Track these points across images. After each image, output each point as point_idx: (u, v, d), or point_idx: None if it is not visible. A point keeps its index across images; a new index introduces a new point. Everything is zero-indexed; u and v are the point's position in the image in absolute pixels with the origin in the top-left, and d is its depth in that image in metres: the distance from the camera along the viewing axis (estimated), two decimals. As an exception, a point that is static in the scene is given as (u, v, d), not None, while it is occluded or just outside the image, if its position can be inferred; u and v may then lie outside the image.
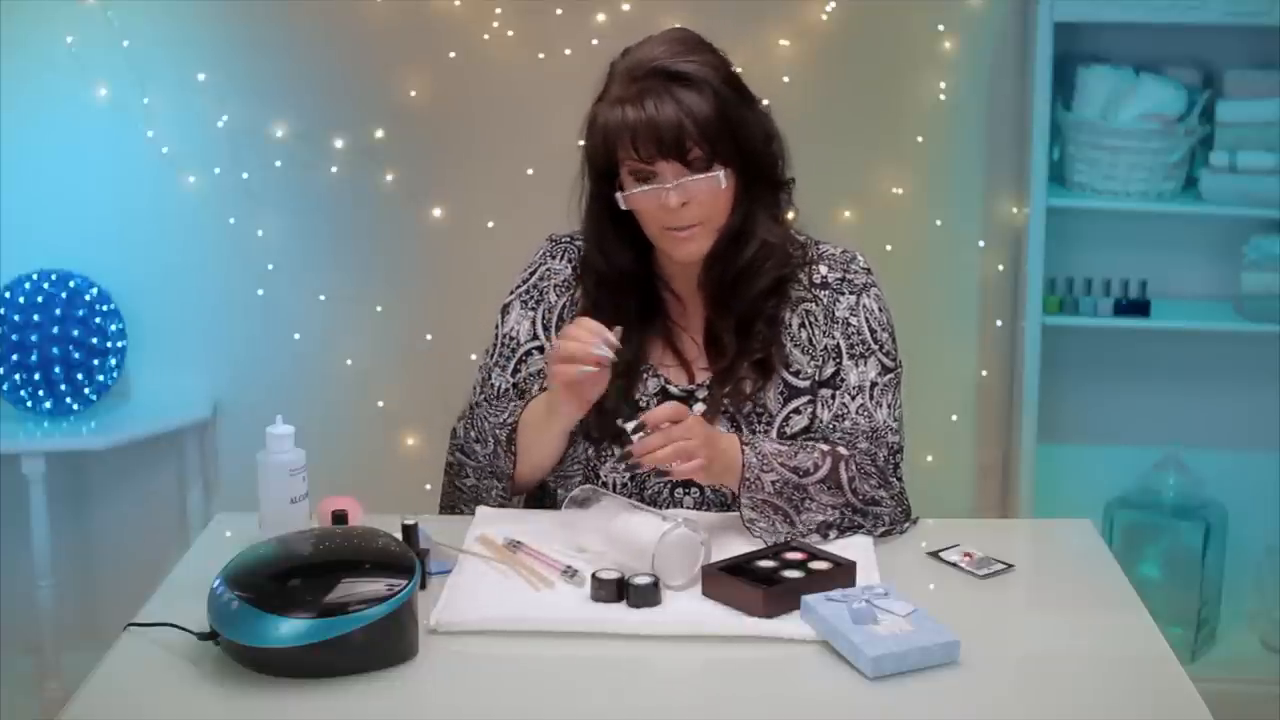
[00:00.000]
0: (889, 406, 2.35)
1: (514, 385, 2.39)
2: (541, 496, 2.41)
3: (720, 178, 2.24)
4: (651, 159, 2.23)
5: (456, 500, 2.40)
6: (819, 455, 2.25)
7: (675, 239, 2.28)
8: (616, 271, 2.34)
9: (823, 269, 2.38)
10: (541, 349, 2.39)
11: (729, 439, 2.24)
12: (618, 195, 2.28)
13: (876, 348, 2.36)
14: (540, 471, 2.34)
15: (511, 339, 2.41)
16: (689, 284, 2.36)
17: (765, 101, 2.34)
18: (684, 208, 2.25)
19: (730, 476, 2.22)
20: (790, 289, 2.35)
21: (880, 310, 2.38)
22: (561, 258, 2.42)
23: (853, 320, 2.36)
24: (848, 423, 2.32)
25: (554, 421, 2.28)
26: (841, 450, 2.27)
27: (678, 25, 2.35)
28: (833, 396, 2.34)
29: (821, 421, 2.33)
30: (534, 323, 2.40)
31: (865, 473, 2.27)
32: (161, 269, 3.70)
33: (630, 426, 2.17)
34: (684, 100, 2.22)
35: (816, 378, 2.35)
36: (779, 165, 2.35)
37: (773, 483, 2.20)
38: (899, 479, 2.32)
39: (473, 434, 2.35)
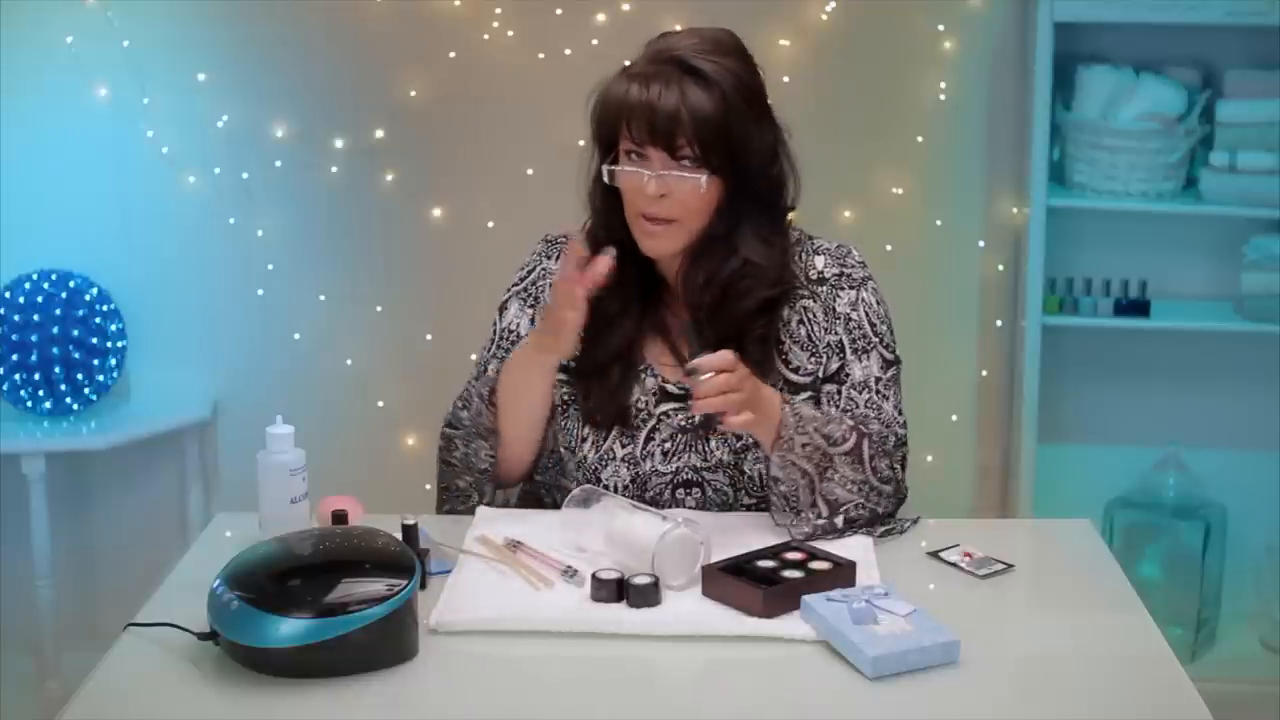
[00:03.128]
0: (893, 400, 2.35)
1: None
2: (540, 498, 2.41)
3: (701, 182, 2.23)
4: (642, 142, 2.23)
5: (449, 479, 2.39)
6: (847, 428, 2.26)
7: (645, 230, 2.28)
8: (617, 243, 2.34)
9: (819, 262, 2.37)
10: None
11: (771, 394, 2.24)
12: (604, 168, 2.28)
13: (877, 340, 2.36)
14: (528, 428, 2.32)
15: (511, 332, 2.41)
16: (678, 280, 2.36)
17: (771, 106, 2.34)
18: (661, 199, 2.24)
19: (764, 430, 2.23)
20: (782, 306, 2.33)
21: (879, 303, 2.38)
22: (556, 257, 2.42)
23: (853, 315, 2.35)
24: (857, 414, 2.32)
25: (539, 361, 2.27)
26: (863, 429, 2.28)
27: (721, 28, 2.33)
28: (838, 392, 2.34)
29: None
30: (532, 319, 2.40)
31: (884, 451, 2.28)
32: (161, 269, 3.70)
33: (686, 369, 2.18)
34: (689, 94, 2.21)
35: (820, 374, 2.34)
36: (780, 191, 2.33)
37: (803, 445, 2.21)
38: (903, 469, 2.33)
39: (459, 403, 2.36)
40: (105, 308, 3.61)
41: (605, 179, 2.28)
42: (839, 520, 2.23)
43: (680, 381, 2.33)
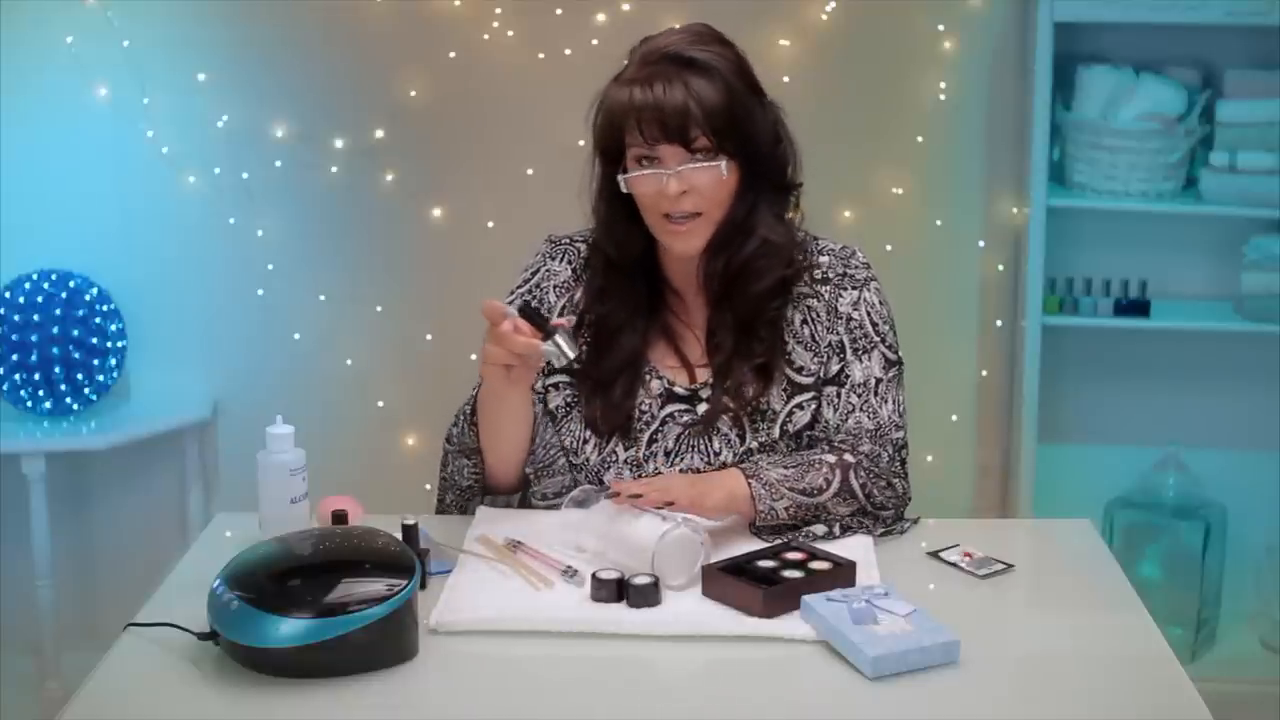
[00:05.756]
0: (893, 402, 2.35)
1: None
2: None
3: (722, 168, 2.24)
4: (655, 142, 2.23)
5: (443, 491, 2.40)
6: (827, 470, 2.25)
7: (673, 231, 2.28)
8: (625, 256, 2.34)
9: (823, 262, 2.38)
10: None
11: (730, 476, 2.23)
12: (619, 178, 2.28)
13: (879, 340, 2.36)
14: (514, 446, 2.31)
15: None
16: (691, 281, 2.36)
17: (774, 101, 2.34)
18: (683, 196, 2.25)
19: (739, 507, 2.23)
20: (793, 289, 2.35)
21: (881, 304, 2.38)
22: (561, 259, 2.43)
23: (855, 315, 2.36)
24: (851, 422, 2.32)
25: (507, 390, 2.25)
26: (848, 458, 2.27)
27: (697, 22, 2.34)
28: (838, 394, 2.34)
29: (826, 421, 2.33)
30: None
31: (875, 475, 2.27)
32: (161, 269, 3.70)
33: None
34: (693, 86, 2.22)
35: (821, 375, 2.35)
36: (788, 168, 2.35)
37: (786, 509, 2.21)
38: (904, 475, 2.33)
39: (454, 419, 2.36)
40: (105, 308, 3.61)
41: (622, 187, 2.27)
42: (836, 529, 2.25)
43: (686, 385, 2.34)
